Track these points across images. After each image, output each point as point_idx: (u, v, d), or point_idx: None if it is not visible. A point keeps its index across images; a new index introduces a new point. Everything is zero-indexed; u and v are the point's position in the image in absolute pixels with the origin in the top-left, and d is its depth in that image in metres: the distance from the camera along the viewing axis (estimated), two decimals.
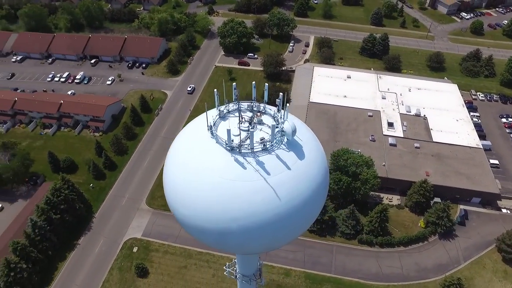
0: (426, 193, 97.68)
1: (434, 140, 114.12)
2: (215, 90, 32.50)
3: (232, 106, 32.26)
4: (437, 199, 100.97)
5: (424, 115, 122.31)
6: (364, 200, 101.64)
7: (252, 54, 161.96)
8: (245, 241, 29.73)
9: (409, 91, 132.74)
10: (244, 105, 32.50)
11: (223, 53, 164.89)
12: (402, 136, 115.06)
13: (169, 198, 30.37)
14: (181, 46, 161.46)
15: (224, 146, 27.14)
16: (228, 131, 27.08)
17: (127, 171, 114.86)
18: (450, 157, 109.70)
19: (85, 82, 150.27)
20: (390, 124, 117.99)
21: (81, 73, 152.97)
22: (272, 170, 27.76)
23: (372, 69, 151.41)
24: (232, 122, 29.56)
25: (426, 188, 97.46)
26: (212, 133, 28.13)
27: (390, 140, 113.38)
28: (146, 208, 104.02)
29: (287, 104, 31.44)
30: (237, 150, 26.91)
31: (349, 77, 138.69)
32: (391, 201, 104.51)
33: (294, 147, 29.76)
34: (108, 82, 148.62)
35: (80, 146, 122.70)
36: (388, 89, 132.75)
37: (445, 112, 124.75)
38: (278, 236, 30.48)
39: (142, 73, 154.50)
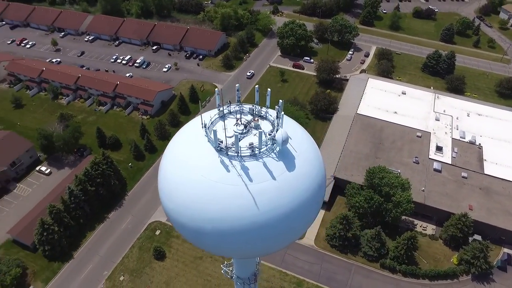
0: (464, 228, 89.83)
1: (486, 172, 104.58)
2: (216, 89, 32.58)
3: (233, 108, 31.91)
4: (477, 237, 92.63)
5: (480, 144, 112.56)
6: (395, 224, 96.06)
7: (308, 58, 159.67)
8: (220, 244, 29.37)
9: (468, 115, 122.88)
10: (246, 107, 32.09)
11: (280, 53, 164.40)
12: (450, 162, 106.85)
13: (159, 189, 30.73)
14: (240, 42, 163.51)
15: (214, 146, 26.97)
16: (215, 131, 27.05)
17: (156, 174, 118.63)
18: (501, 194, 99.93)
19: (144, 66, 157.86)
20: (439, 148, 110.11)
21: (142, 57, 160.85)
22: (256, 177, 27.15)
23: (431, 87, 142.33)
24: (231, 123, 29.46)
25: (466, 223, 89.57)
26: (206, 132, 28.10)
27: (436, 165, 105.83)
28: None
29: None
30: (225, 152, 26.67)
31: (403, 93, 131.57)
32: (425, 230, 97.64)
33: (285, 157, 28.70)
34: (165, 69, 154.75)
35: (127, 126, 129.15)
36: (444, 111, 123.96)
37: (505, 143, 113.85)
38: (255, 244, 29.59)
39: (198, 64, 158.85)
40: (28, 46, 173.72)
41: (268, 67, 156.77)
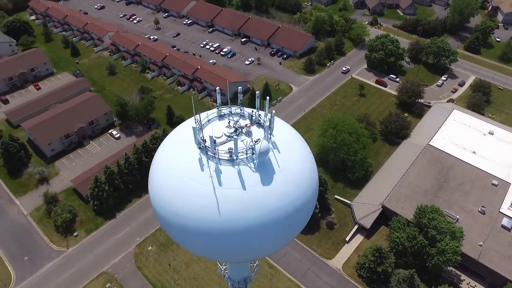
0: None
1: None
2: (217, 88, 33.05)
3: (234, 110, 32.16)
4: None
5: None
6: (437, 272, 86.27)
7: (394, 77, 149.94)
8: (182, 241, 30.31)
9: None
10: (247, 111, 31.91)
11: (366, 67, 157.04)
12: None
13: (149, 177, 31.71)
14: (327, 48, 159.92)
15: (197, 144, 27.39)
16: (194, 128, 27.75)
17: None
18: None
19: (229, 56, 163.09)
20: None
21: (229, 47, 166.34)
22: (226, 182, 27.18)
23: None
24: (225, 124, 29.86)
25: None
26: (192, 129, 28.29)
27: (505, 222, 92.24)
28: None
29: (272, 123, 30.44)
30: (205, 151, 26.96)
31: (491, 132, 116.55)
32: None
33: (264, 170, 27.91)
34: (247, 62, 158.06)
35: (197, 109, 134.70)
36: None
37: None
38: (217, 249, 29.31)
39: (280, 63, 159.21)
40: (135, 21, 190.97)
41: (349, 78, 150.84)
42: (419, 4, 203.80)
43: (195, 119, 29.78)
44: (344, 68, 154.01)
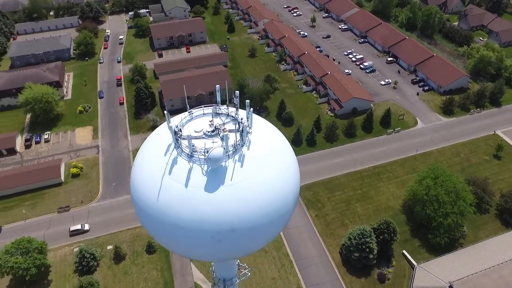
0: None
1: None
2: (217, 86, 34.45)
3: (223, 110, 33.44)
4: None
5: None
6: None
7: None
8: (151, 231, 32.24)
9: None
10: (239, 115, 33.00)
11: None
12: None
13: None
14: (479, 93, 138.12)
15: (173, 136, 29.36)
16: (167, 114, 30.52)
17: (313, 157, 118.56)
18: None
19: (367, 71, 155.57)
20: None
21: (371, 62, 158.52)
22: (176, 174, 28.75)
23: None
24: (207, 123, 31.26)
25: None
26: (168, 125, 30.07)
27: None
28: None
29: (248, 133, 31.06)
30: (175, 144, 28.96)
31: None
32: None
33: (213, 177, 28.84)
34: (382, 83, 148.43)
35: (309, 113, 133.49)
36: None
37: None
38: (183, 245, 30.77)
39: (417, 94, 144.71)
40: (294, 14, 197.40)
41: (491, 133, 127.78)
42: None
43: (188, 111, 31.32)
44: (490, 121, 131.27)
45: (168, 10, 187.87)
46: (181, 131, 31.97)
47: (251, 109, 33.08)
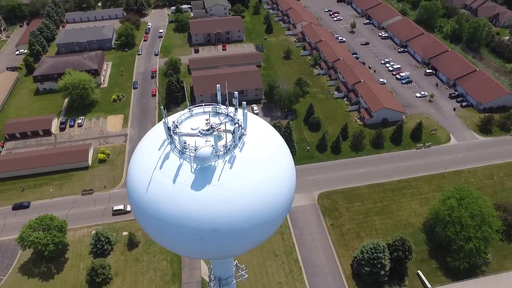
0: None
1: None
2: (218, 85, 34.90)
3: (223, 110, 33.86)
4: None
5: None
6: None
7: None
8: (138, 221, 32.86)
9: None
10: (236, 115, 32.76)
11: None
12: None
13: None
14: None
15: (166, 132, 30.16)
16: (163, 109, 31.07)
17: (337, 165, 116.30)
18: None
19: (403, 82, 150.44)
20: None
21: (408, 73, 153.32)
22: (166, 169, 29.42)
23: None
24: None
25: None
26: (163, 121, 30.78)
27: None
28: None
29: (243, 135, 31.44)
30: (169, 140, 29.61)
31: None
32: None
33: (201, 176, 29.20)
34: (418, 95, 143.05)
35: (337, 120, 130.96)
36: None
37: None
38: (171, 241, 31.38)
39: (454, 109, 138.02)
40: (335, 19, 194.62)
41: None
42: None
43: (189, 103, 31.77)
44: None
45: (209, 7, 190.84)
46: (177, 127, 32.61)
47: (246, 111, 32.90)
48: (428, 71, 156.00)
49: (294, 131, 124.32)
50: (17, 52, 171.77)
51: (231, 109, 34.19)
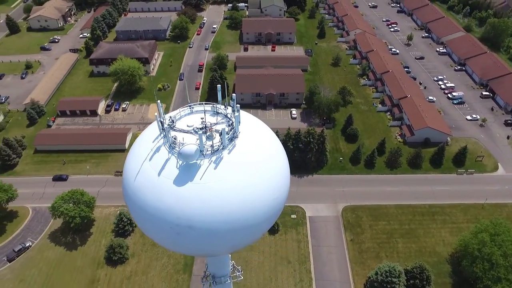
0: None
1: None
2: (219, 86, 35.64)
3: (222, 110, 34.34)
4: None
5: None
6: None
7: None
8: (128, 207, 34.36)
9: None
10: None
11: None
12: None
13: None
14: None
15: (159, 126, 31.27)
16: (159, 103, 31.80)
17: (368, 180, 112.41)
18: None
19: (454, 102, 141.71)
20: None
21: (461, 94, 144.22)
22: (154, 161, 30.54)
23: None
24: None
25: None
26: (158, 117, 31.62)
27: None
28: None
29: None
30: (162, 135, 30.71)
31: None
32: None
33: (185, 173, 29.96)
34: (469, 118, 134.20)
35: (376, 133, 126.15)
36: None
37: None
38: (157, 233, 32.49)
39: (507, 137, 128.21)
40: (392, 29, 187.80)
41: None
42: None
43: (189, 98, 32.40)
44: None
45: (264, 7, 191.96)
46: (173, 122, 33.46)
47: (238, 113, 32.78)
48: (484, 93, 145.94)
49: (330, 140, 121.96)
50: (81, 36, 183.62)
51: (231, 110, 34.28)
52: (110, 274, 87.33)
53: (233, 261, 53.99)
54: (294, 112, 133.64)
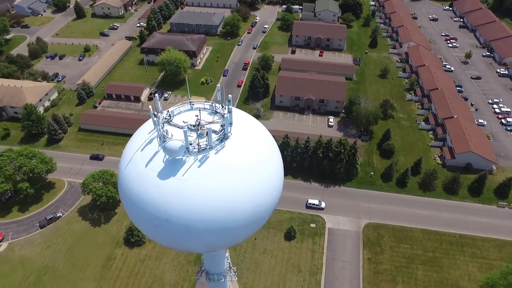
0: None
1: None
2: (218, 85, 36.59)
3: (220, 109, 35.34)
4: None
5: None
6: None
7: None
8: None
9: None
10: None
11: None
12: None
13: None
14: None
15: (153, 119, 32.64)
16: (156, 98, 35.61)
17: (397, 198, 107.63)
18: None
19: (508, 128, 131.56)
20: None
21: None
22: (145, 153, 31.94)
23: None
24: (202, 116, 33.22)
25: None
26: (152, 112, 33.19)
27: None
28: None
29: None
30: (156, 127, 32.03)
31: None
32: None
33: (170, 167, 30.58)
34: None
35: (414, 152, 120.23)
36: None
37: None
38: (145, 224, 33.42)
39: None
40: (450, 45, 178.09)
41: None
42: None
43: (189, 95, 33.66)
44: None
45: (318, 11, 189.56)
46: (170, 117, 34.60)
47: (230, 114, 32.97)
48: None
49: (363, 153, 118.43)
50: (138, 25, 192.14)
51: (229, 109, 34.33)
52: (126, 255, 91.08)
53: (229, 261, 54.23)
54: (331, 120, 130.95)
